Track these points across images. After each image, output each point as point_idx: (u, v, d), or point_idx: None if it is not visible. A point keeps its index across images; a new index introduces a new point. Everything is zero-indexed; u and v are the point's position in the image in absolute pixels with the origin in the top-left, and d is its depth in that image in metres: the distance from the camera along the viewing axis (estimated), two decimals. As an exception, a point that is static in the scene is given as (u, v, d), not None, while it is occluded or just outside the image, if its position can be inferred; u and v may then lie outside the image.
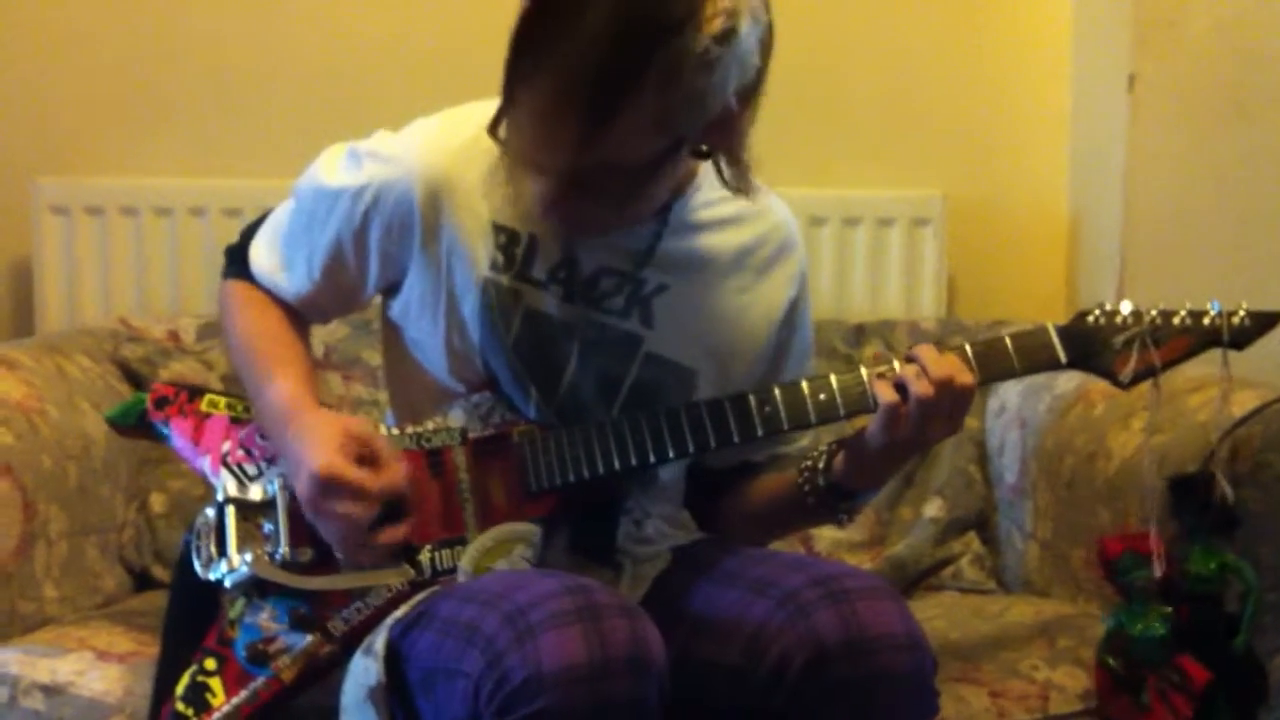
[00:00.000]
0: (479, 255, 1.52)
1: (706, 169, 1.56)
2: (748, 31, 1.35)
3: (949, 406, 1.44)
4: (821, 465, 1.54)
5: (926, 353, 1.45)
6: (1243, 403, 1.72)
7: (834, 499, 1.55)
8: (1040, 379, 2.15)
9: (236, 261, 1.66)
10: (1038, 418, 2.11)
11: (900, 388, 1.44)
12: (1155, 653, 1.61)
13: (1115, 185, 2.36)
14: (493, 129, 1.39)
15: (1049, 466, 2.05)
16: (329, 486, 1.42)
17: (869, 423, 1.47)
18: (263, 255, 1.63)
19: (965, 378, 1.44)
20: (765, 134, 1.48)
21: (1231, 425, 1.70)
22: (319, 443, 1.44)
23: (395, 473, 1.45)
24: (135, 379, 2.22)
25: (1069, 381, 2.08)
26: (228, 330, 1.65)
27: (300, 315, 1.64)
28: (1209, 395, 1.77)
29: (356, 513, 1.43)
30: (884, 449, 1.46)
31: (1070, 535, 1.99)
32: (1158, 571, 1.60)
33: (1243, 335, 1.51)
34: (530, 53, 1.33)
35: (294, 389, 1.52)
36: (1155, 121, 2.32)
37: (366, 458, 1.44)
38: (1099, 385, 2.01)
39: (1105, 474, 1.89)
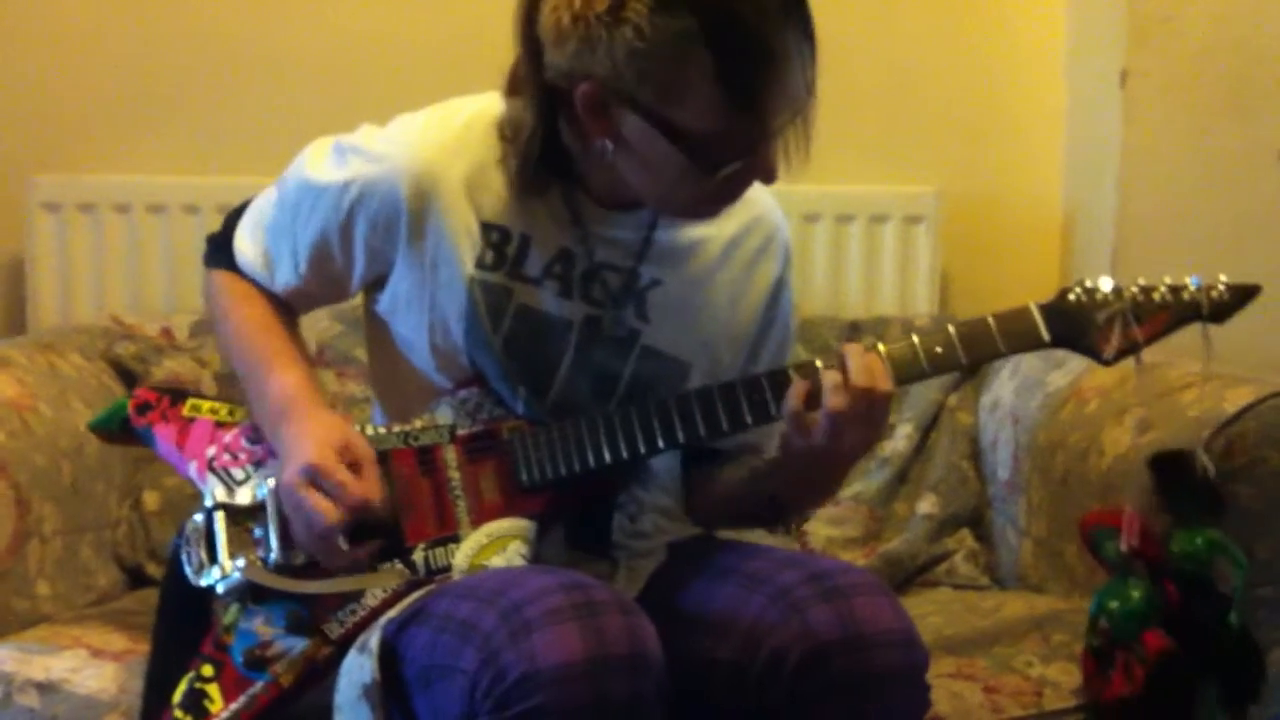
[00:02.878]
0: (464, 253, 1.52)
1: None
2: None
3: (863, 416, 1.42)
4: (765, 472, 1.54)
5: (853, 357, 1.42)
6: (1236, 399, 1.73)
7: (772, 509, 1.55)
8: (1033, 375, 2.16)
9: (220, 249, 1.66)
10: (1031, 414, 2.11)
11: (814, 391, 1.43)
12: (1128, 626, 1.61)
13: (1109, 181, 2.36)
14: (714, 165, 1.40)
15: (1042, 463, 2.05)
16: (313, 476, 1.42)
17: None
18: (248, 246, 1.63)
19: (883, 385, 1.42)
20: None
21: (1225, 421, 1.70)
22: (320, 441, 1.44)
23: (368, 488, 1.44)
24: (128, 377, 2.22)
25: (1062, 378, 2.08)
26: (220, 322, 1.64)
27: (289, 306, 1.64)
28: (1201, 393, 1.77)
29: (326, 513, 1.42)
30: (801, 456, 1.45)
31: (1064, 531, 1.99)
32: (1124, 544, 1.61)
33: (1222, 308, 1.50)
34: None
35: (301, 384, 1.52)
36: (1149, 117, 2.32)
37: (355, 470, 1.45)
38: (1092, 382, 2.02)
39: (1098, 470, 1.90)
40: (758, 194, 1.60)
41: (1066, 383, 2.07)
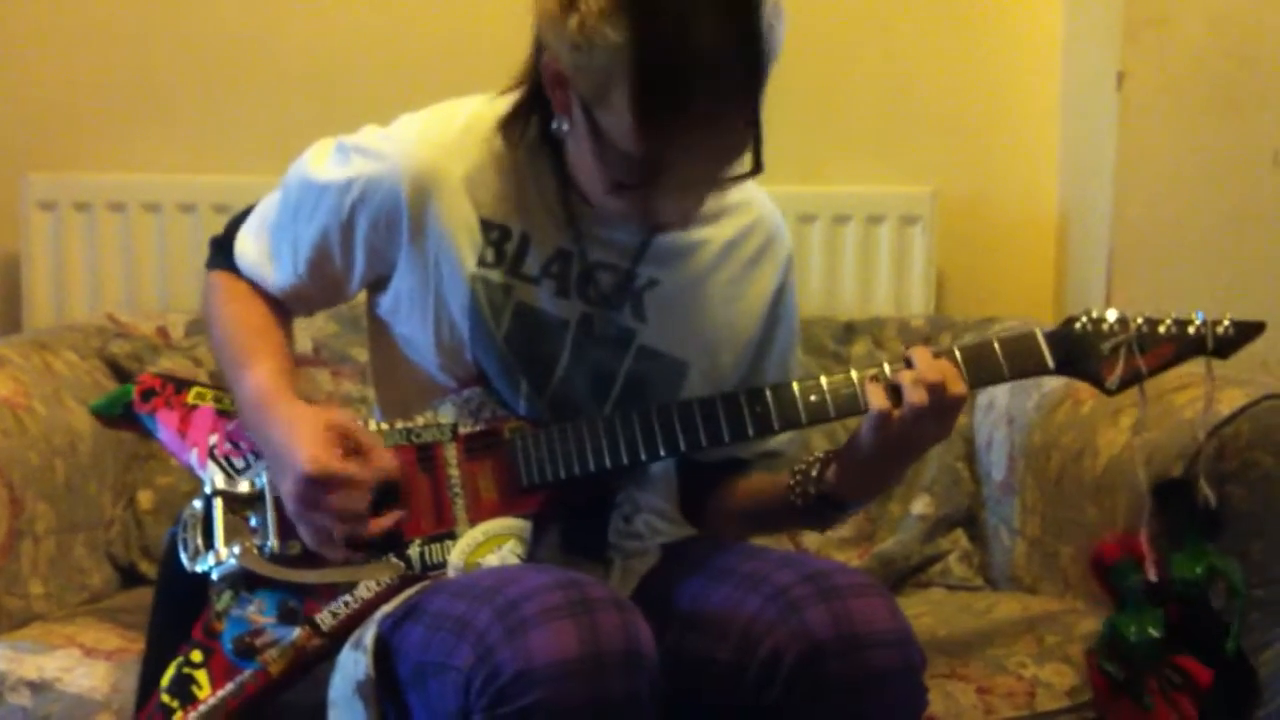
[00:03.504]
0: (466, 251, 1.52)
1: None
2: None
3: (940, 413, 1.44)
4: (814, 473, 1.54)
5: (922, 357, 1.45)
6: (1230, 401, 1.73)
7: (823, 508, 1.55)
8: (1029, 376, 2.16)
9: (221, 252, 1.66)
10: (1026, 415, 2.11)
11: (893, 392, 1.44)
12: (1152, 654, 1.62)
13: (1104, 183, 2.37)
14: (629, 184, 1.39)
15: (1036, 464, 2.05)
16: (319, 483, 1.42)
17: (859, 427, 1.47)
18: (249, 246, 1.63)
19: (958, 387, 1.44)
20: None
21: (1218, 424, 1.70)
22: (302, 439, 1.44)
23: (384, 458, 1.46)
24: (123, 375, 2.21)
25: (1057, 379, 2.08)
26: (210, 322, 1.65)
27: (284, 308, 1.64)
28: (1196, 394, 1.77)
29: (350, 504, 1.43)
30: (874, 454, 1.46)
31: (1058, 532, 1.99)
32: (1152, 576, 1.61)
33: (1226, 344, 1.52)
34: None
35: (269, 380, 1.52)
36: (1144, 119, 2.33)
37: (351, 449, 1.45)
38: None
39: (1093, 471, 1.90)
40: (757, 196, 1.62)
41: (1061, 384, 2.07)
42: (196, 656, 1.48)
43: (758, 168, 1.40)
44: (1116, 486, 1.83)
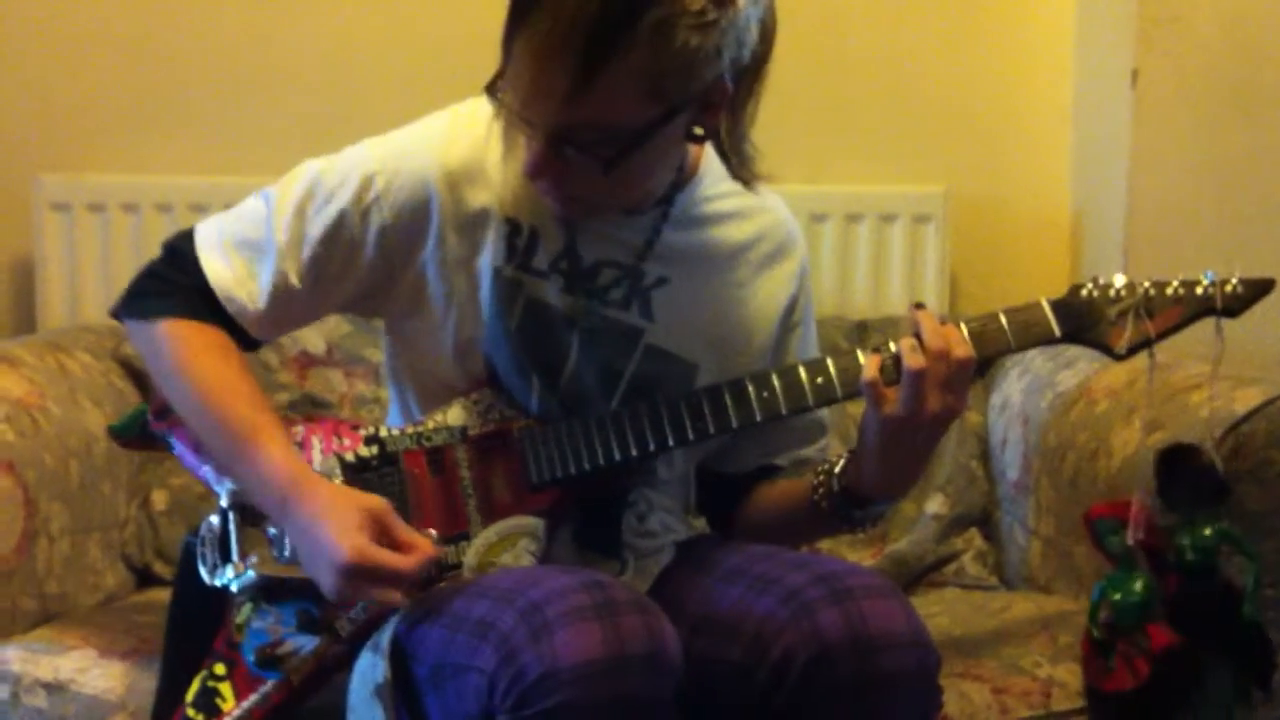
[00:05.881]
0: (486, 246, 1.52)
1: (709, 162, 1.56)
2: (747, 3, 1.36)
3: (945, 381, 1.42)
4: (836, 469, 1.54)
5: (926, 321, 1.43)
6: (1245, 400, 1.72)
7: (846, 505, 1.54)
8: (1043, 375, 2.15)
9: (146, 300, 1.56)
10: (1040, 414, 2.11)
11: (888, 363, 1.44)
12: (1130, 618, 1.61)
13: (1118, 181, 2.36)
14: (491, 87, 1.40)
15: (1051, 463, 2.05)
16: (360, 572, 1.36)
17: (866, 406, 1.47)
18: (220, 268, 1.54)
19: (961, 350, 1.43)
20: (767, 130, 1.48)
21: (1234, 422, 1.70)
22: (338, 527, 1.38)
23: (425, 547, 1.40)
24: (137, 376, 2.22)
25: (1072, 378, 2.08)
26: (176, 380, 1.52)
27: (244, 346, 1.56)
28: (1211, 393, 1.76)
29: (392, 599, 1.39)
30: (884, 434, 1.45)
31: (1072, 532, 1.98)
32: (1130, 537, 1.61)
33: (1236, 302, 1.50)
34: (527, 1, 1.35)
35: (286, 458, 1.45)
36: (1158, 117, 2.32)
37: (388, 537, 1.40)
38: (1101, 382, 2.01)
39: (1107, 471, 1.89)
40: (772, 202, 1.63)
41: (1076, 383, 2.07)
42: (219, 669, 1.48)
43: (618, 156, 1.38)
44: (1131, 486, 1.82)
